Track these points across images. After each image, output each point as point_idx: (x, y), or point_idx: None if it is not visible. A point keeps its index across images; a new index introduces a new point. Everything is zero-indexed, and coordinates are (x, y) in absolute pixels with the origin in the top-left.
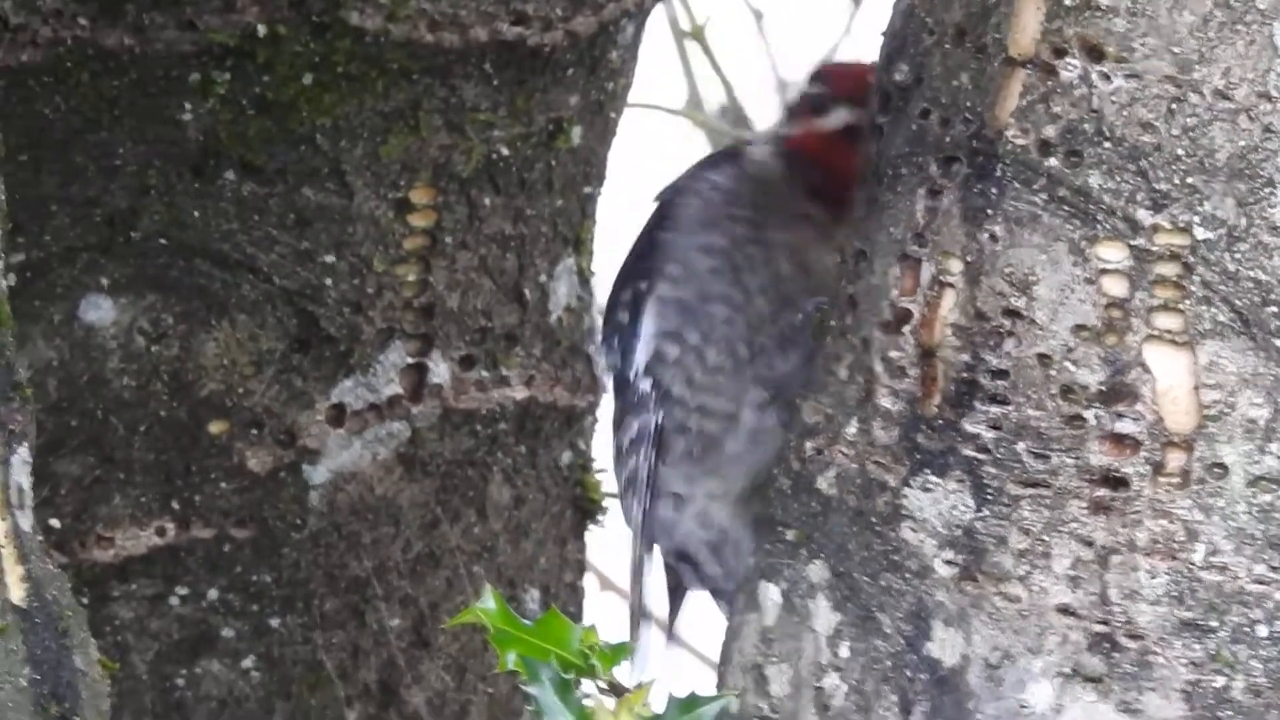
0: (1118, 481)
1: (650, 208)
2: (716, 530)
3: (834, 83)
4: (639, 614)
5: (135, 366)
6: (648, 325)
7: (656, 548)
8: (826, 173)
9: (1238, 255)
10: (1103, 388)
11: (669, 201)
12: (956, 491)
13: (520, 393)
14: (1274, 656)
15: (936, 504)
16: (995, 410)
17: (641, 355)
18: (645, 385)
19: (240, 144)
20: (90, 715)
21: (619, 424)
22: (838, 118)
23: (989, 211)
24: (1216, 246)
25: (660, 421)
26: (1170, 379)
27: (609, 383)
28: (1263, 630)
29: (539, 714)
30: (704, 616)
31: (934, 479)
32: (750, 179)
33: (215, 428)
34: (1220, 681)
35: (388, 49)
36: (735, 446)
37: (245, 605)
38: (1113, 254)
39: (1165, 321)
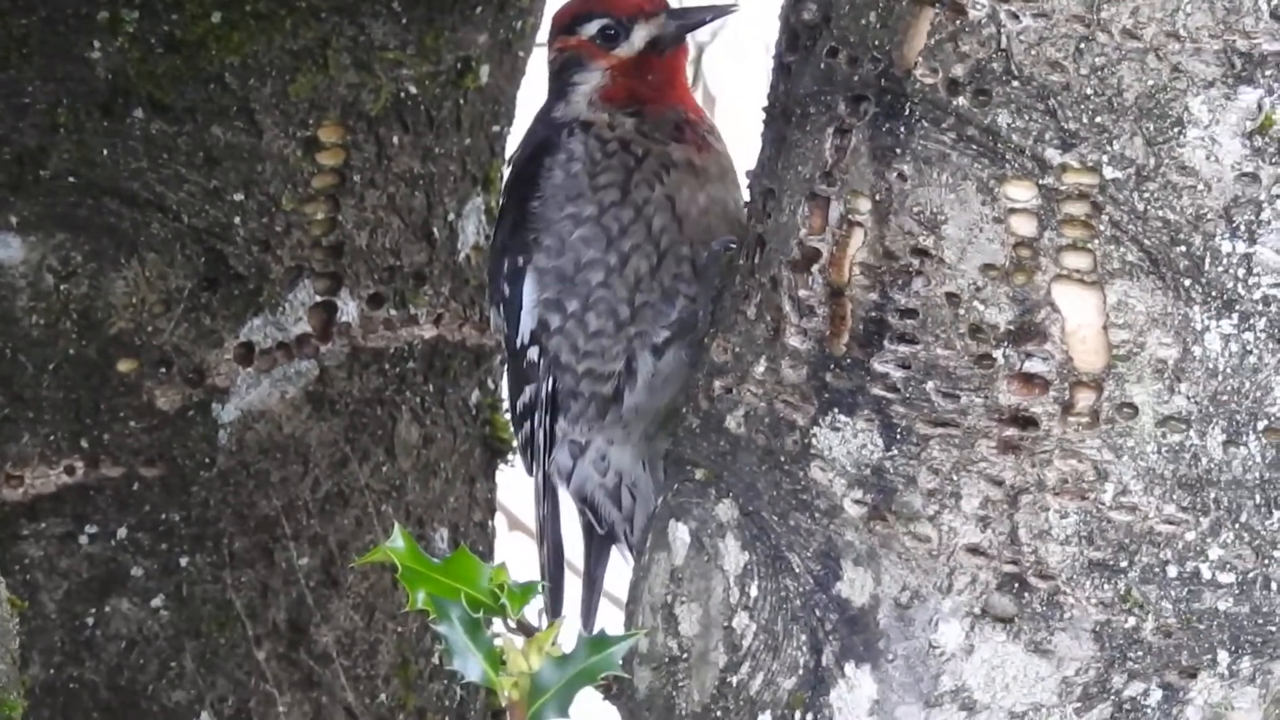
0: (1027, 421)
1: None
2: (614, 474)
3: (613, 7)
4: (556, 568)
5: (44, 305)
6: (529, 296)
7: (564, 493)
8: (665, 99)
9: (1146, 195)
10: (1011, 327)
11: (537, 170)
12: (865, 430)
13: (428, 331)
14: (1184, 597)
15: (845, 443)
16: (904, 349)
17: (526, 325)
18: (533, 354)
19: (149, 82)
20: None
21: (514, 391)
22: (639, 37)
23: (897, 150)
24: (1125, 186)
25: (552, 387)
26: (1079, 318)
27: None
28: (1173, 570)
29: (448, 653)
30: (612, 558)
31: (843, 418)
32: (604, 141)
33: (124, 366)
34: (1130, 622)
35: None
36: (633, 399)
37: (154, 544)
38: (1021, 193)
39: (1074, 261)
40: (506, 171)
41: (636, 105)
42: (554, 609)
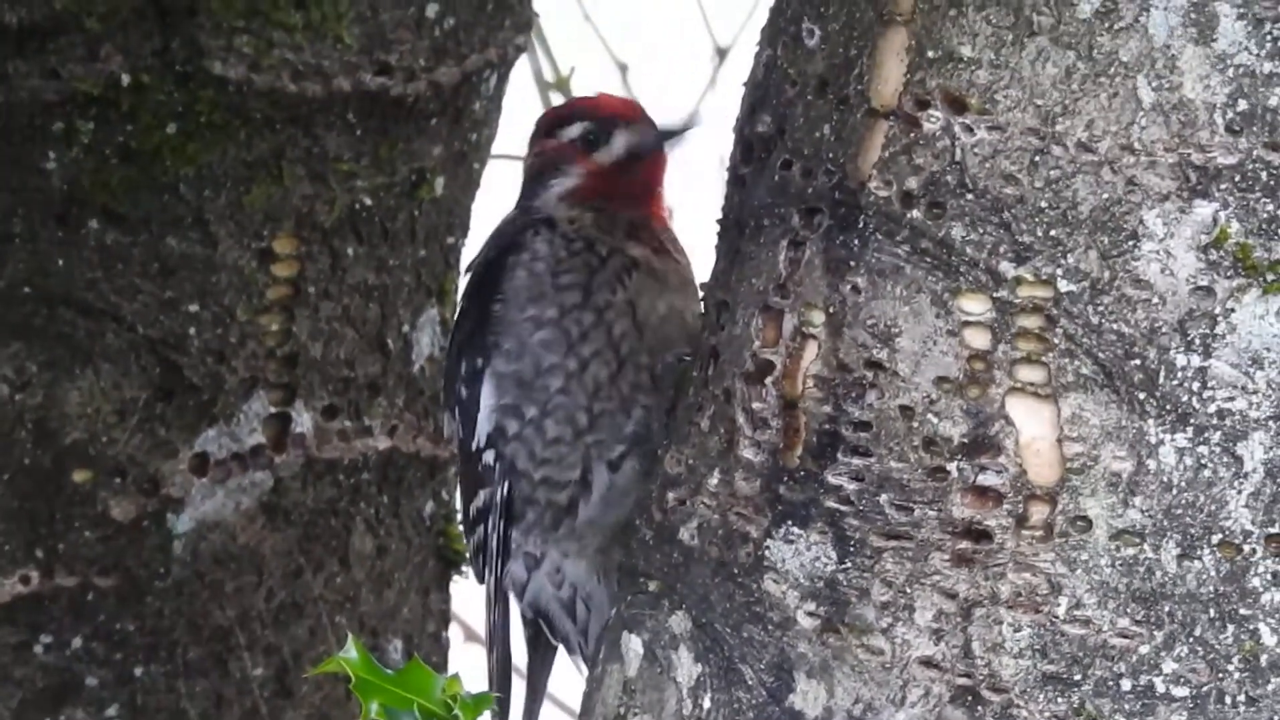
0: (980, 534)
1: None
2: (569, 587)
3: (596, 113)
4: (503, 674)
5: (0, 414)
6: (486, 400)
7: (514, 605)
8: (635, 206)
9: (1101, 308)
10: (965, 440)
11: (496, 266)
12: (819, 543)
13: (383, 442)
14: (1138, 711)
15: (799, 555)
16: (857, 462)
17: (483, 428)
18: (489, 458)
19: (104, 192)
20: None
21: (467, 495)
22: (619, 144)
23: (851, 263)
24: (1080, 299)
25: (506, 493)
26: (1033, 431)
27: (455, 450)
28: (1126, 684)
29: None
30: (564, 667)
31: (796, 530)
32: (568, 240)
33: (79, 476)
34: None
35: (251, 98)
36: (588, 512)
37: (109, 654)
38: (975, 306)
39: (1028, 374)
40: (465, 278)
41: (606, 208)
42: (503, 717)
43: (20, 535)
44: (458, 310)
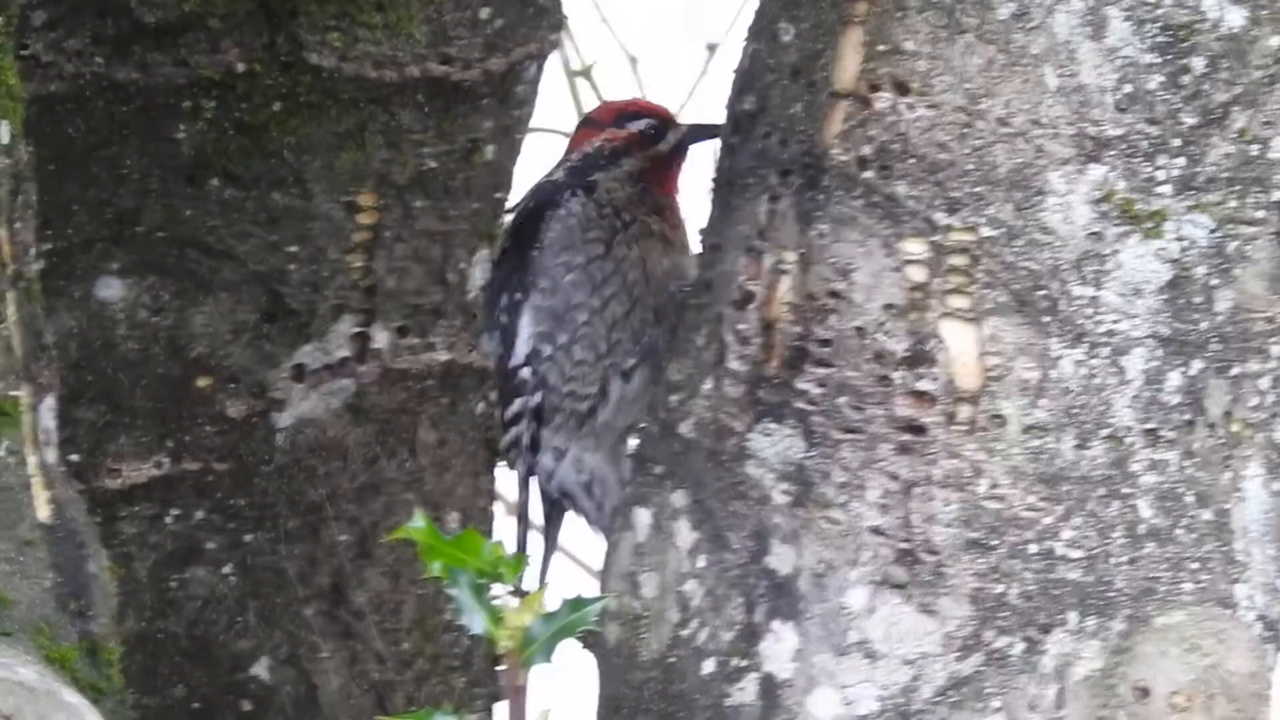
0: (918, 429)
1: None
2: (589, 473)
3: (652, 114)
4: (522, 543)
5: (139, 334)
6: (525, 328)
7: (537, 486)
8: (663, 188)
9: (1015, 249)
10: (907, 354)
11: (539, 221)
12: (790, 436)
13: (444, 356)
14: (1042, 569)
15: (774, 446)
16: (821, 371)
17: (521, 350)
18: (526, 373)
19: (223, 157)
20: (102, 610)
21: (504, 402)
22: (671, 139)
23: (818, 213)
24: (998, 243)
25: (540, 401)
26: (960, 347)
27: (493, 365)
28: (1033, 548)
29: (458, 611)
30: (586, 538)
31: (773, 426)
32: (599, 205)
33: (202, 382)
34: (1000, 588)
35: (340, 83)
36: (606, 415)
37: (225, 524)
38: (915, 247)
39: (957, 302)
40: (507, 219)
41: (650, 187)
42: (543, 576)
43: (154, 429)
44: (499, 249)
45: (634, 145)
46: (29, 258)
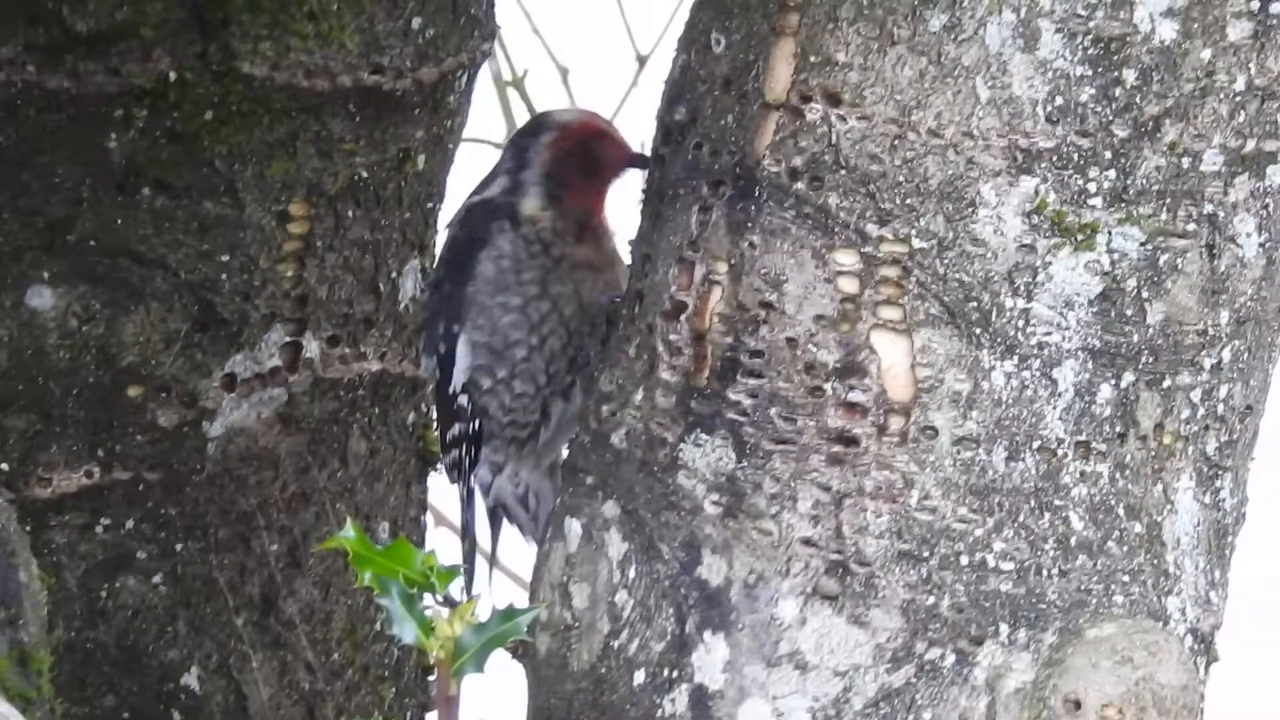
0: (850, 440)
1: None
2: (524, 486)
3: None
4: (470, 561)
5: (70, 342)
6: (462, 360)
7: (479, 501)
8: (585, 199)
9: (946, 261)
10: (838, 365)
11: (472, 258)
12: (722, 447)
13: (375, 366)
14: (973, 581)
15: (706, 457)
16: (753, 382)
17: (459, 379)
18: (463, 400)
19: (155, 166)
20: (32, 619)
21: (443, 425)
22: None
23: (749, 224)
24: (929, 254)
25: (478, 427)
26: (892, 358)
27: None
28: (964, 560)
29: (389, 621)
30: (518, 548)
31: (704, 436)
32: (528, 242)
33: (133, 391)
34: (931, 600)
35: (272, 92)
36: (546, 436)
37: (155, 533)
38: (847, 259)
39: (888, 313)
40: (442, 235)
41: (567, 187)
42: (469, 587)
43: (85, 438)
44: (434, 276)
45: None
46: None
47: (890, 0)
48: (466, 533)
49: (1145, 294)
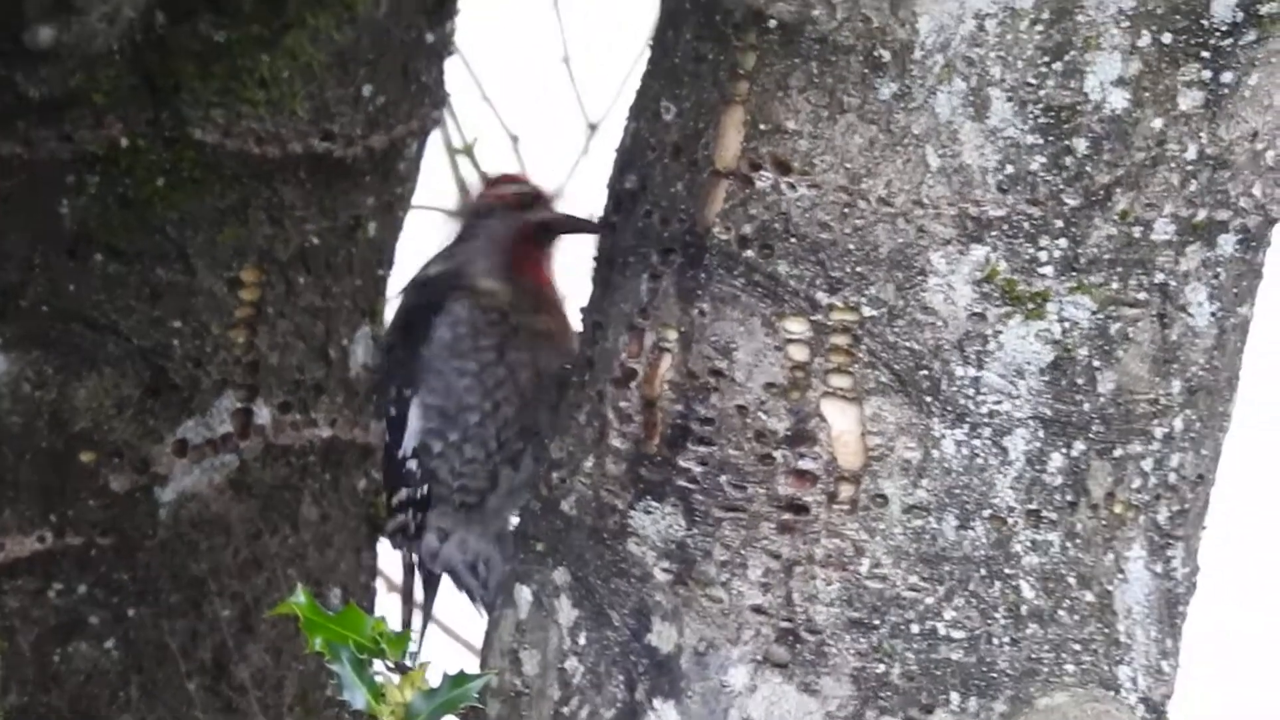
0: (800, 508)
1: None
2: (473, 553)
3: (529, 184)
4: (407, 624)
5: (22, 407)
6: (414, 422)
7: (419, 568)
8: (532, 271)
9: (896, 329)
10: (788, 433)
11: (427, 322)
12: (672, 514)
13: (326, 432)
14: (924, 649)
15: (656, 524)
16: (703, 450)
17: (410, 443)
18: (413, 465)
19: (107, 232)
20: None
21: (390, 488)
22: (543, 211)
23: (699, 292)
24: (880, 322)
25: (425, 492)
26: (842, 426)
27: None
28: (915, 628)
29: (340, 686)
30: (468, 615)
31: (654, 504)
32: (484, 310)
33: (85, 456)
34: (881, 668)
35: (224, 158)
36: (494, 503)
37: (108, 598)
38: (797, 327)
39: (839, 381)
40: (393, 303)
41: (518, 263)
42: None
43: (37, 503)
44: (387, 341)
45: (499, 206)
46: None
47: (840, 68)
48: (406, 599)
49: (1096, 363)
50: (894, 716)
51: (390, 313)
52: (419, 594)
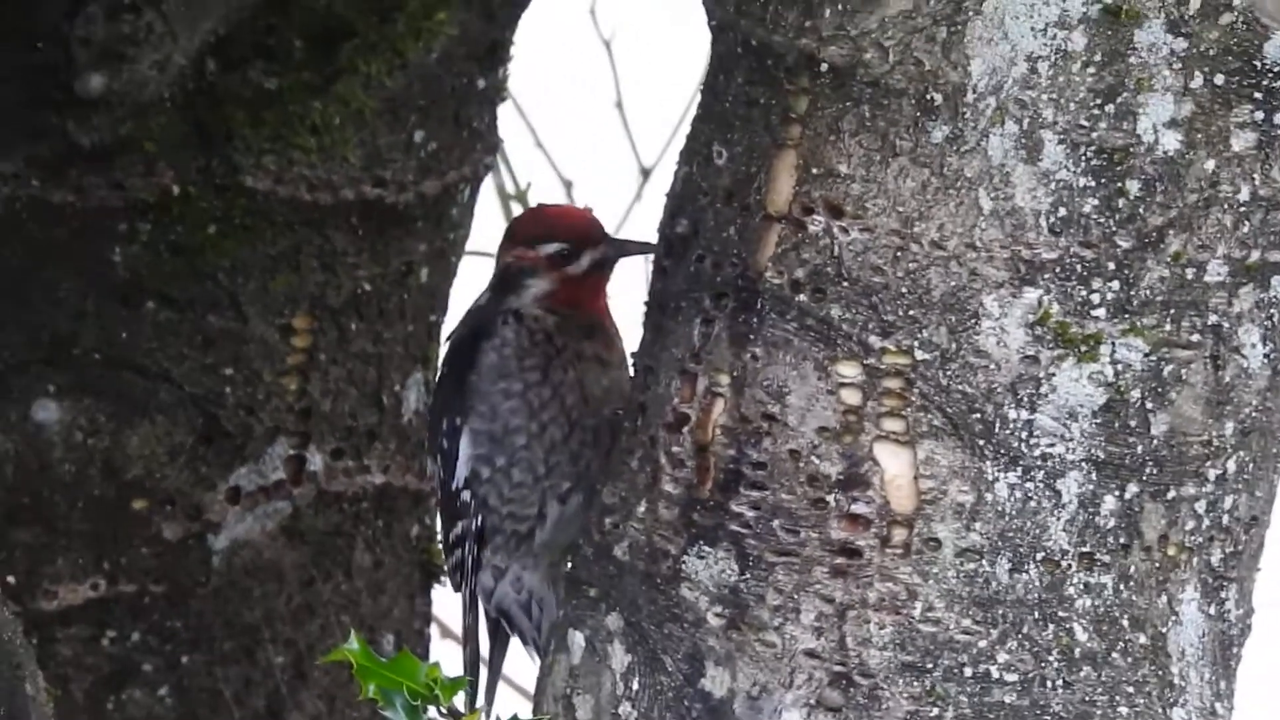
0: (853, 552)
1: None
2: (526, 592)
3: (568, 235)
4: (474, 666)
5: (75, 455)
6: (464, 450)
7: (481, 608)
8: (589, 305)
9: (949, 373)
10: (841, 477)
11: (471, 346)
12: (725, 559)
13: (379, 479)
14: (977, 692)
15: (709, 568)
16: (755, 494)
17: (461, 473)
18: (466, 496)
19: (158, 280)
20: None
21: (447, 524)
22: (586, 261)
23: (751, 336)
24: (932, 366)
25: (479, 523)
26: (895, 470)
27: (436, 488)
28: (968, 671)
29: None
30: (520, 658)
31: (707, 548)
32: (531, 332)
33: (138, 504)
34: (935, 712)
35: (275, 205)
36: (543, 536)
37: (161, 645)
38: (849, 371)
39: (891, 425)
40: (444, 346)
41: (568, 309)
42: (473, 700)
43: (90, 551)
44: (439, 375)
45: (544, 268)
46: None
47: (892, 112)
48: (469, 638)
49: (1149, 405)
50: None
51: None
52: (483, 643)
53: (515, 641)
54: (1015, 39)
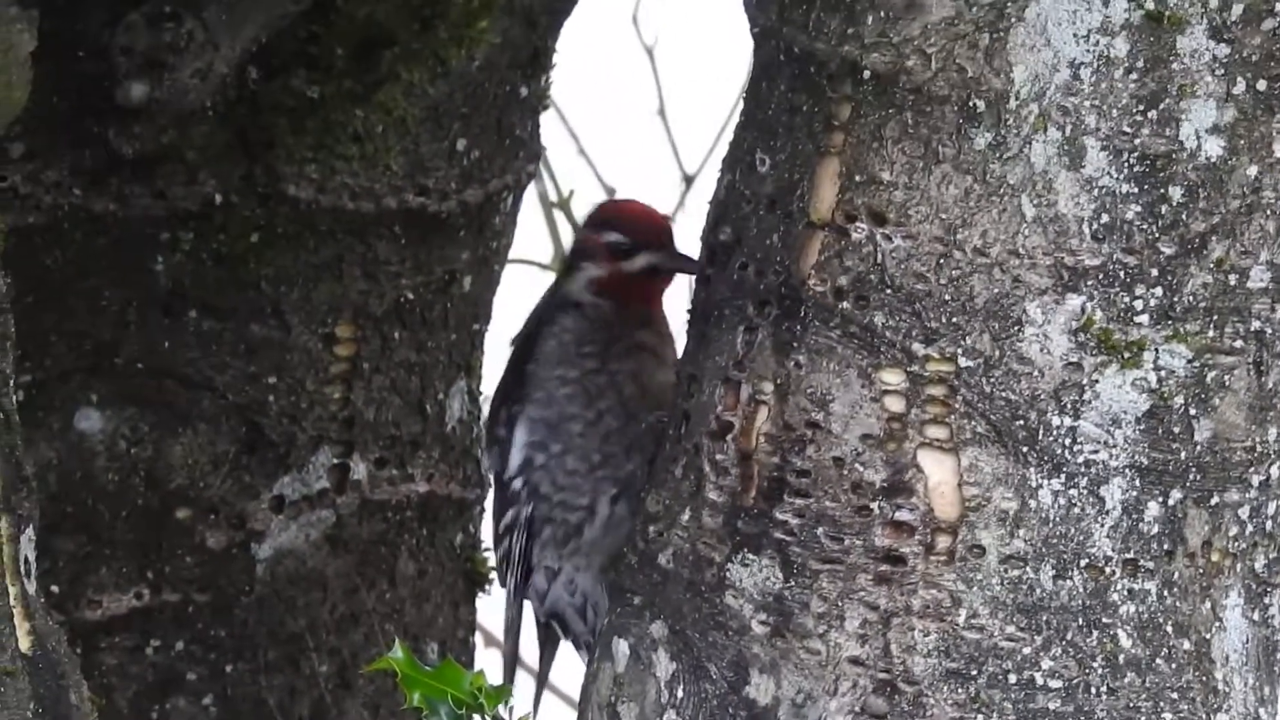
0: (897, 559)
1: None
2: (580, 595)
3: (633, 232)
4: (512, 663)
5: (118, 465)
6: (519, 437)
7: (528, 607)
8: (644, 302)
9: (992, 380)
10: (885, 484)
11: (533, 336)
12: (769, 566)
13: (422, 487)
14: (1021, 699)
15: (753, 576)
16: (799, 502)
17: (515, 460)
18: (518, 484)
19: (201, 288)
20: None
21: (498, 515)
22: (640, 261)
23: (794, 344)
24: (976, 373)
25: (531, 513)
26: (939, 477)
27: (491, 481)
28: (1013, 678)
29: None
30: (568, 663)
31: (751, 556)
32: (590, 321)
33: (181, 514)
34: (979, 718)
35: (318, 214)
36: (592, 534)
37: (205, 654)
38: (893, 378)
39: (935, 432)
40: (490, 358)
41: (619, 299)
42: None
43: (134, 561)
44: (505, 369)
45: (600, 254)
46: (7, 389)
47: (935, 119)
48: (509, 633)
49: (1193, 411)
50: None
51: (489, 366)
52: (527, 647)
53: (560, 650)
54: (1058, 45)
